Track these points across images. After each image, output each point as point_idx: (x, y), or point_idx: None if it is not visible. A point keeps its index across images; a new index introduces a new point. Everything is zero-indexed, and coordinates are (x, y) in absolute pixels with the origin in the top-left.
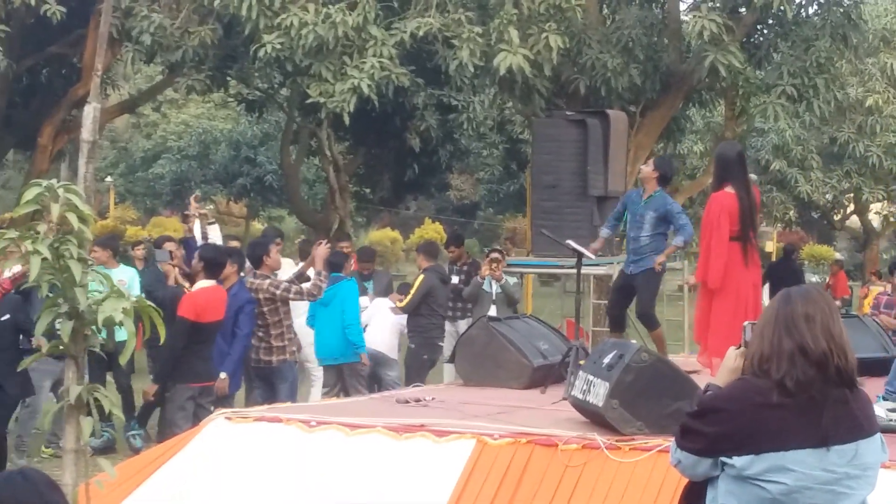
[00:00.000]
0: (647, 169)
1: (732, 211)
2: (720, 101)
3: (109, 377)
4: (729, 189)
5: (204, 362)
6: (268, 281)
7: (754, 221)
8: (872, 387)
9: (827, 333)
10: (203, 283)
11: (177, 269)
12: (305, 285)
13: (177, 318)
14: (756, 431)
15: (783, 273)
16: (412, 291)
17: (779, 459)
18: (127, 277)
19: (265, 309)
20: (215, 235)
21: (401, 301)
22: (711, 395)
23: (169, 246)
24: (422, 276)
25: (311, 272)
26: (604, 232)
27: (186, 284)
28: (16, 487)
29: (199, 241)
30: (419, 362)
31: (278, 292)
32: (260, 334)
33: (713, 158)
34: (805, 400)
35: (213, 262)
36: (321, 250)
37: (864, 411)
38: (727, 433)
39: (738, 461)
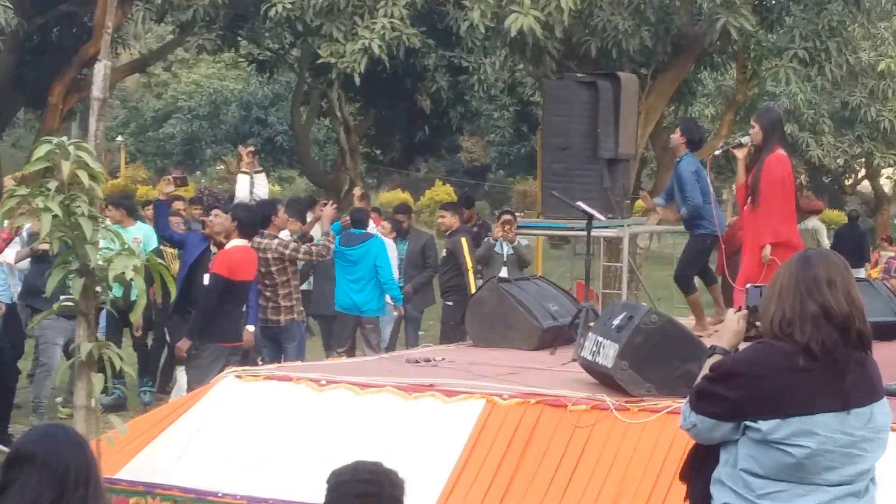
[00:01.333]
0: (675, 135)
1: (791, 173)
2: (731, 65)
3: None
4: (781, 151)
5: (235, 322)
6: (276, 241)
7: None
8: (883, 351)
9: (848, 297)
10: (237, 242)
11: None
12: (314, 245)
13: (211, 275)
14: (783, 395)
15: (849, 238)
16: (466, 255)
17: (805, 423)
18: (142, 235)
19: (273, 269)
20: (262, 184)
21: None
22: (732, 358)
23: (177, 205)
24: (463, 238)
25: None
26: (658, 201)
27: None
28: (58, 441)
29: (246, 197)
30: (458, 319)
31: (287, 252)
32: (268, 294)
33: (761, 121)
34: (830, 363)
35: (247, 221)
36: (328, 211)
37: (876, 374)
38: (752, 397)
39: (763, 425)
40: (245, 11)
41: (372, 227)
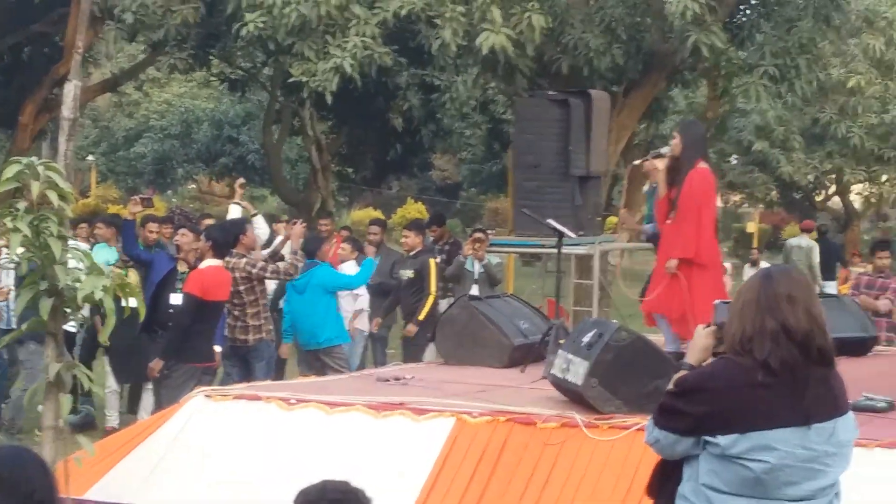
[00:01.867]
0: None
1: (714, 189)
2: (702, 82)
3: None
4: (703, 165)
5: (207, 342)
6: (244, 260)
7: None
8: (852, 367)
9: (808, 313)
10: (210, 262)
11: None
12: (281, 264)
13: (184, 295)
14: (742, 411)
15: (824, 251)
16: (432, 277)
17: (763, 438)
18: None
19: (241, 288)
20: (261, 225)
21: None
22: (694, 374)
23: (151, 226)
24: (432, 260)
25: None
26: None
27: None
28: (23, 464)
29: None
30: (423, 341)
31: (254, 271)
32: (236, 313)
33: (684, 134)
34: (789, 379)
35: (221, 241)
36: (297, 229)
37: (840, 390)
38: (712, 413)
39: (722, 440)
40: (217, 31)
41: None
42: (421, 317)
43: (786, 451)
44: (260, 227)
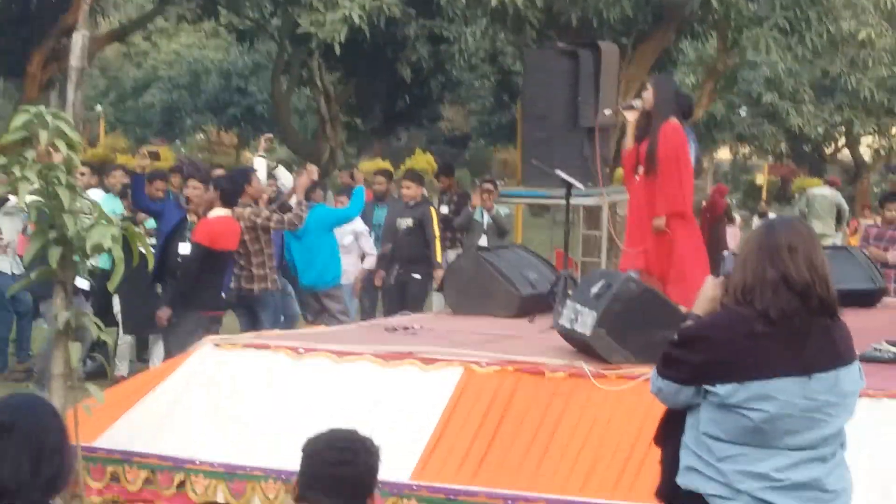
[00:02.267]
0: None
1: (687, 144)
2: (712, 34)
3: None
4: (674, 121)
5: (216, 291)
6: (248, 209)
7: None
8: (860, 318)
9: (809, 264)
10: (218, 212)
11: None
12: (287, 215)
13: (192, 244)
14: (740, 360)
15: None
16: (434, 226)
17: (762, 388)
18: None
19: (246, 237)
20: (283, 176)
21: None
22: (695, 324)
23: (158, 184)
24: (432, 208)
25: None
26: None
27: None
28: (35, 411)
29: (265, 182)
30: (425, 293)
31: (259, 220)
32: (241, 263)
33: (657, 88)
34: (788, 329)
35: (230, 190)
36: (302, 179)
37: (844, 340)
38: (711, 362)
39: (721, 389)
40: None
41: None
42: (439, 259)
43: (785, 401)
44: (283, 178)
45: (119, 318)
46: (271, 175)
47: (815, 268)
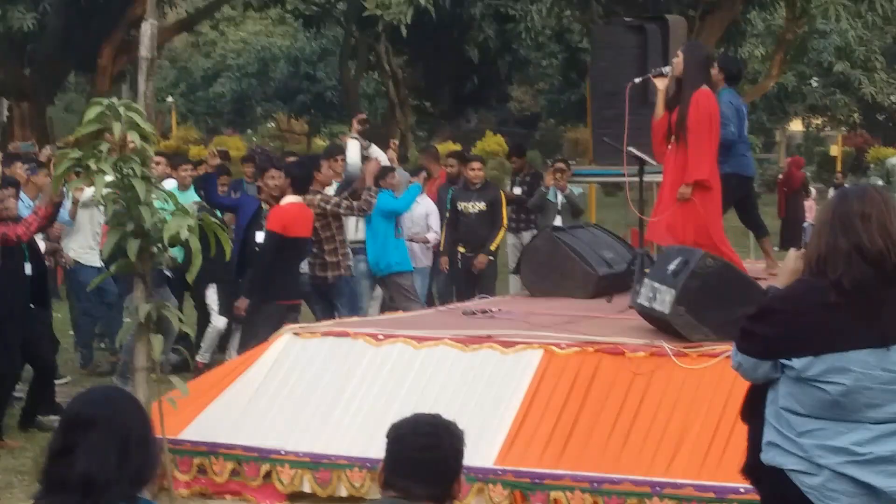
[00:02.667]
0: (713, 71)
1: (718, 113)
2: (780, 3)
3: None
4: (706, 88)
5: (292, 279)
6: (318, 196)
7: None
8: None
9: (883, 231)
10: (290, 199)
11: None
12: (356, 202)
13: (266, 232)
14: (814, 332)
15: None
16: (503, 211)
17: (838, 360)
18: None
19: (317, 224)
20: (377, 154)
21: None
22: (769, 296)
23: (223, 179)
24: (502, 192)
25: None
26: None
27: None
28: (118, 404)
29: (357, 161)
30: (495, 274)
31: (328, 207)
32: (314, 251)
33: (687, 55)
34: (863, 299)
35: (301, 177)
36: (371, 166)
37: None
38: (785, 335)
39: (797, 363)
40: None
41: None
42: (493, 247)
43: (863, 373)
44: (379, 155)
45: (214, 307)
46: (365, 155)
47: (890, 235)
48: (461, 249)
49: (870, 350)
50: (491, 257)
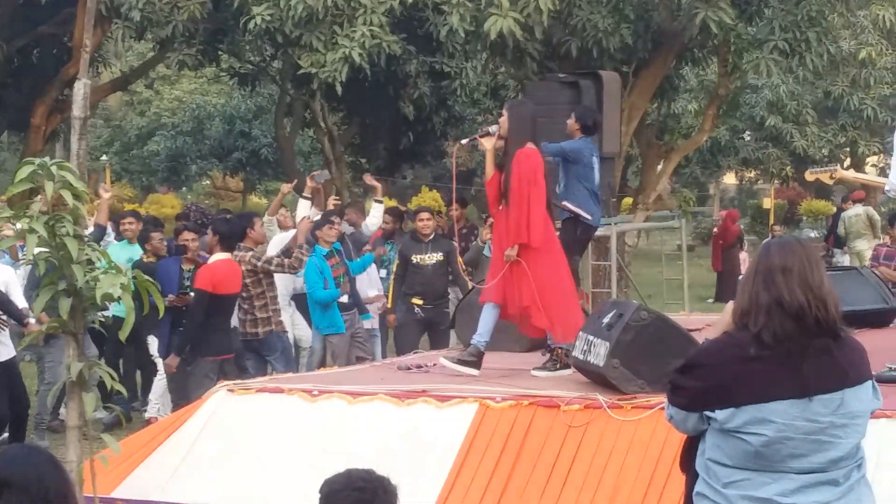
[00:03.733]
0: (570, 121)
1: (542, 169)
2: (713, 59)
3: None
4: (531, 146)
5: (224, 335)
6: (250, 253)
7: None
8: (874, 338)
9: (805, 285)
10: (219, 256)
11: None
12: (287, 259)
13: (195, 291)
14: (735, 384)
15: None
16: (460, 262)
17: (758, 411)
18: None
19: (248, 281)
20: (306, 210)
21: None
22: (695, 350)
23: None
24: (454, 243)
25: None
26: None
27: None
28: (35, 464)
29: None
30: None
31: (259, 264)
32: (245, 307)
33: (511, 113)
34: (783, 351)
35: (228, 234)
36: (303, 224)
37: (850, 360)
38: (708, 387)
39: (719, 414)
40: (224, 25)
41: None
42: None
43: (784, 424)
44: (310, 212)
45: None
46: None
47: (811, 288)
48: (418, 302)
49: (791, 401)
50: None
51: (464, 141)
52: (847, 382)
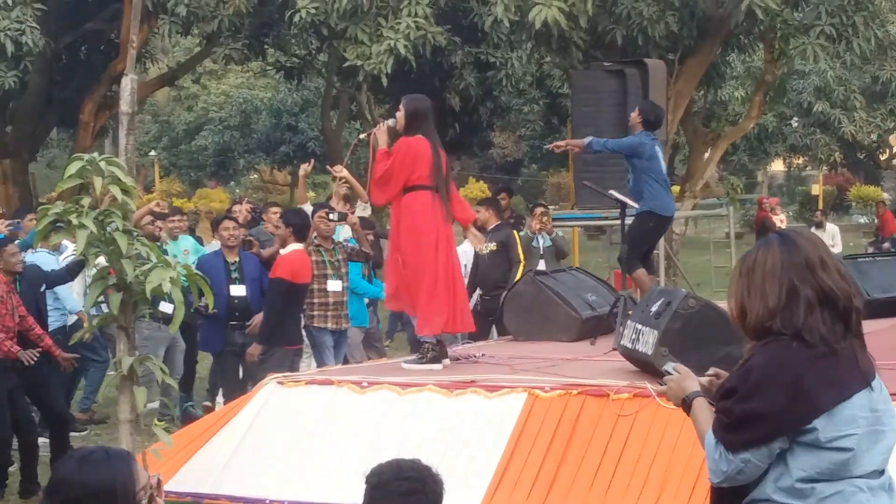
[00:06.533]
0: (633, 115)
1: (424, 156)
2: (759, 45)
3: None
4: (420, 136)
5: (297, 324)
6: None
7: (446, 179)
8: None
9: (841, 274)
10: (294, 247)
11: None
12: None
13: (275, 280)
14: (815, 389)
15: None
16: (518, 245)
17: (845, 409)
18: (190, 246)
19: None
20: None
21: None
22: (752, 370)
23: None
24: (515, 232)
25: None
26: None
27: None
28: (106, 464)
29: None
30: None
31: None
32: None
33: (406, 107)
34: (846, 346)
35: (301, 225)
36: (351, 219)
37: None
38: (790, 404)
39: (817, 424)
40: (270, 19)
41: None
42: None
43: (863, 418)
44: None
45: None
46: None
47: (845, 277)
48: (478, 292)
49: (862, 392)
50: None
51: (362, 135)
52: (874, 366)
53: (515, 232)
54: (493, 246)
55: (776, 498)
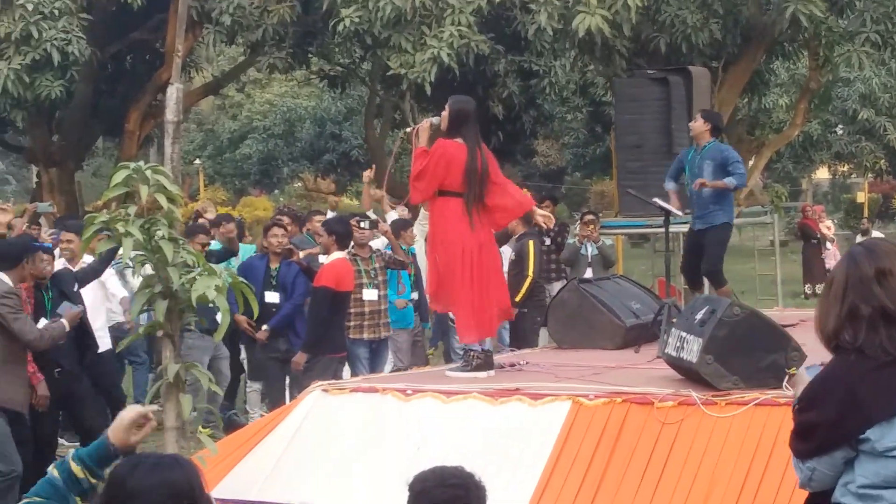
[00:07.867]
0: (698, 123)
1: (458, 162)
2: (803, 52)
3: None
4: (459, 141)
5: (341, 332)
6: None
7: (483, 184)
8: None
9: None
10: (337, 255)
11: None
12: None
13: (319, 288)
14: (872, 399)
15: None
16: (531, 258)
17: None
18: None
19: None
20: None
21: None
22: (816, 382)
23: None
24: (531, 242)
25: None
26: (669, 185)
27: None
28: (182, 472)
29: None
30: (534, 325)
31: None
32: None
33: (452, 105)
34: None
35: (343, 233)
36: (383, 227)
37: None
38: (847, 411)
39: (872, 434)
40: (313, 28)
41: None
42: (518, 298)
43: None
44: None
45: (245, 364)
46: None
47: None
48: None
49: None
50: (516, 309)
51: (407, 129)
52: None
53: (532, 243)
54: (513, 256)
55: (844, 501)
